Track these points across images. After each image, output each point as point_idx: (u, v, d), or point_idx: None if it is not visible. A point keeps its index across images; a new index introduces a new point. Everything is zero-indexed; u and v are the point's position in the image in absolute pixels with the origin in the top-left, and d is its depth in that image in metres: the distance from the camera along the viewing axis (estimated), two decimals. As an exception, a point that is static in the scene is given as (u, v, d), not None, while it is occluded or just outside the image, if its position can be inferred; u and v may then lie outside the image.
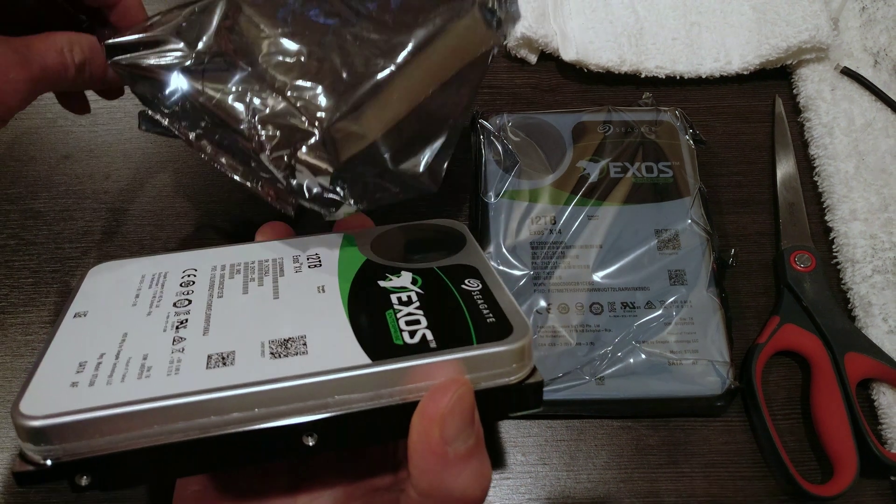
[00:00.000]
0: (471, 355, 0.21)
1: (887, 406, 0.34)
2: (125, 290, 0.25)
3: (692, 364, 0.33)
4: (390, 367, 0.20)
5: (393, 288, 0.24)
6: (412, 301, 0.23)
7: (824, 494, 0.32)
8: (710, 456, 0.34)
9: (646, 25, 0.44)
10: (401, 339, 0.21)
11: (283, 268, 0.26)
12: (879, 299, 0.36)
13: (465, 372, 0.21)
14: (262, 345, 0.21)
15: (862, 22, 0.45)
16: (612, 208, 0.37)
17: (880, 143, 0.41)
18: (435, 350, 0.21)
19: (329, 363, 0.20)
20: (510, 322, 0.22)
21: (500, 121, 0.40)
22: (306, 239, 0.28)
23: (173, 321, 0.23)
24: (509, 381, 0.21)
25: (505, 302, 0.23)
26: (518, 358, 0.21)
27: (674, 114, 0.40)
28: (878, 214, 0.39)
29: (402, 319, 0.22)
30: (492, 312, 0.23)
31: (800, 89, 0.43)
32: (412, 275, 0.25)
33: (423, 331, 0.22)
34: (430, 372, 0.21)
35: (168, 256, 0.27)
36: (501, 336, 0.21)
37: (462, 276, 0.25)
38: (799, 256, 0.38)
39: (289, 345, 0.21)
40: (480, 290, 0.24)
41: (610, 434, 0.35)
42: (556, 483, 0.34)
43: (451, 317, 0.22)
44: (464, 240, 0.28)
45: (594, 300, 0.35)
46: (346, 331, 0.22)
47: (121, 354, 0.21)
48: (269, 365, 0.21)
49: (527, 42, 0.44)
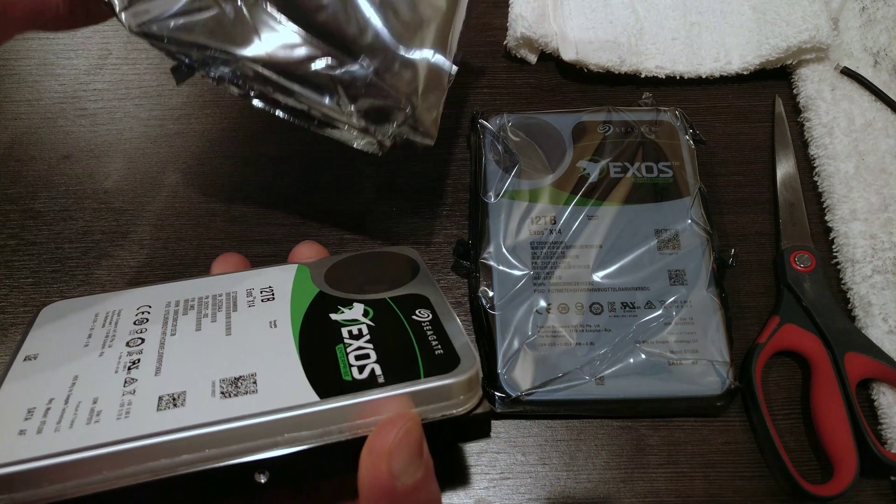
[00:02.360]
0: (418, 389, 0.21)
1: (887, 406, 0.34)
2: (77, 330, 0.25)
3: (692, 364, 0.33)
4: (338, 403, 0.21)
5: (344, 321, 0.24)
6: (362, 334, 0.23)
7: (824, 494, 0.32)
8: (709, 456, 0.34)
9: (646, 25, 0.44)
10: (349, 374, 0.22)
11: (237, 302, 0.26)
12: (879, 299, 0.36)
13: (413, 405, 0.21)
14: (213, 384, 0.21)
15: (862, 22, 0.45)
16: (612, 208, 0.37)
17: (880, 143, 0.41)
18: (383, 385, 0.21)
19: (278, 402, 0.21)
20: (457, 353, 0.22)
21: (499, 121, 0.40)
22: (261, 271, 0.28)
23: (125, 362, 0.23)
24: (457, 413, 0.22)
25: (454, 332, 0.23)
26: (465, 389, 0.22)
27: (674, 114, 0.40)
28: (878, 214, 0.39)
29: (351, 354, 0.22)
30: (440, 344, 0.23)
31: (800, 89, 0.43)
32: (364, 306, 0.25)
33: (371, 365, 0.22)
34: (377, 407, 0.21)
35: (123, 293, 0.27)
36: (448, 368, 0.22)
37: (413, 306, 0.25)
38: (799, 256, 0.38)
39: (239, 383, 0.21)
40: (430, 321, 0.24)
41: (610, 434, 0.35)
42: (556, 483, 0.34)
43: (399, 350, 0.23)
44: (417, 268, 0.28)
45: (594, 300, 0.35)
46: (296, 368, 0.22)
47: (70, 399, 0.21)
48: (220, 405, 0.21)
49: (527, 42, 0.44)
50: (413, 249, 0.30)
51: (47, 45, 0.46)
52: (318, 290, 0.26)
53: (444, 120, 0.43)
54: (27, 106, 0.44)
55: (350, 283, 0.27)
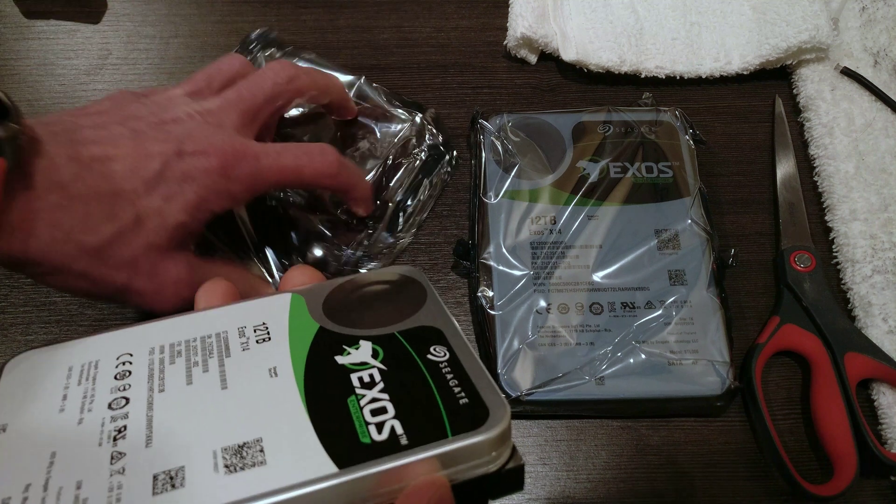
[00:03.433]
0: (446, 451, 0.19)
1: (887, 406, 0.34)
2: (50, 390, 0.21)
3: (692, 364, 0.33)
4: (359, 474, 0.18)
5: (352, 365, 0.22)
6: (375, 382, 0.21)
7: (824, 494, 0.32)
8: (709, 456, 0.34)
9: (646, 25, 0.44)
10: (367, 435, 0.19)
11: (229, 345, 0.23)
12: (879, 299, 0.36)
13: (440, 468, 0.19)
14: (215, 454, 0.19)
15: (862, 22, 0.45)
16: (612, 208, 0.37)
17: (880, 143, 0.41)
18: (407, 447, 0.19)
19: (291, 475, 0.18)
20: (485, 403, 0.20)
21: (499, 121, 0.40)
22: (251, 304, 0.25)
23: (109, 430, 0.20)
24: (488, 471, 0.20)
25: (476, 374, 0.21)
26: (497, 445, 0.19)
27: (674, 114, 0.40)
28: (878, 214, 0.39)
29: (366, 408, 0.20)
30: (464, 391, 0.20)
31: (800, 89, 0.43)
32: (372, 345, 0.22)
33: (390, 422, 0.20)
34: (403, 474, 0.19)
35: (98, 338, 0.23)
36: (478, 423, 0.19)
37: (426, 342, 0.22)
38: (799, 256, 0.38)
39: (244, 452, 0.19)
40: (448, 361, 0.22)
41: (610, 434, 0.35)
42: (556, 483, 0.34)
43: (419, 401, 0.20)
44: (424, 292, 0.25)
45: (594, 300, 0.35)
46: (307, 430, 0.19)
47: (49, 484, 0.18)
48: (225, 483, 0.18)
49: (527, 42, 0.44)
50: (416, 269, 0.27)
51: (47, 46, 0.46)
52: (318, 327, 0.23)
53: (445, 120, 0.43)
54: (27, 106, 0.44)
55: (352, 314, 0.24)
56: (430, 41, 0.46)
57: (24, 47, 0.46)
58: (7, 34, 0.46)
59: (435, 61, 0.45)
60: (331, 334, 0.23)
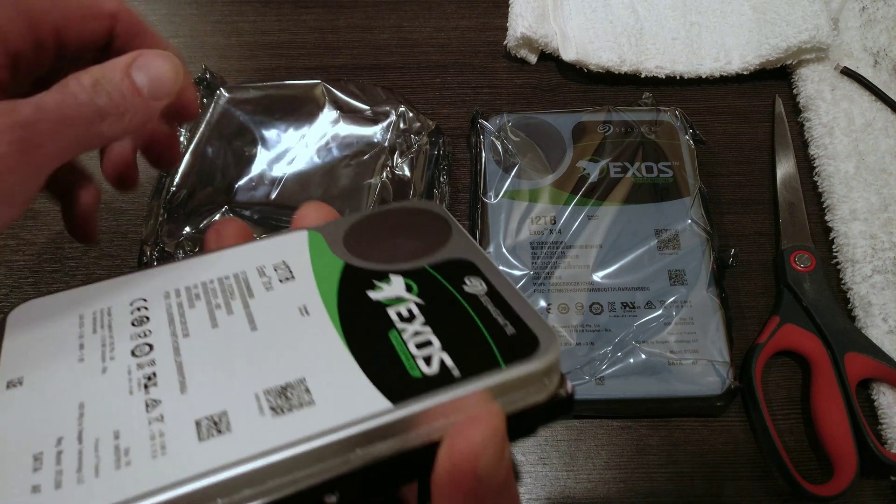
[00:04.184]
0: (500, 381, 0.18)
1: (887, 406, 0.34)
2: (64, 339, 0.20)
3: (692, 364, 0.33)
4: (415, 408, 0.18)
5: (387, 300, 0.21)
6: (414, 316, 0.20)
7: (824, 494, 0.32)
8: (709, 456, 0.34)
9: (646, 25, 0.44)
10: (417, 369, 0.19)
11: (251, 286, 0.22)
12: (879, 299, 0.36)
13: (494, 399, 0.18)
14: (258, 397, 0.18)
15: (862, 22, 0.45)
16: (612, 208, 0.37)
17: (880, 142, 0.41)
18: (459, 380, 0.18)
19: (344, 414, 0.17)
20: (533, 332, 0.19)
21: (499, 121, 0.40)
22: (266, 243, 0.23)
23: (138, 378, 0.19)
24: (540, 399, 0.19)
25: (518, 304, 0.20)
26: (549, 373, 0.19)
27: (674, 114, 0.40)
28: (878, 214, 0.39)
29: (410, 342, 0.19)
30: (509, 321, 0.20)
31: (800, 89, 0.43)
32: (404, 279, 0.21)
33: (439, 355, 0.19)
34: (458, 407, 0.18)
35: (106, 284, 0.22)
36: (529, 352, 0.19)
37: (460, 274, 0.21)
38: (799, 256, 0.38)
39: (289, 393, 0.18)
40: (487, 293, 0.21)
41: (610, 434, 0.35)
42: (556, 483, 0.34)
43: (464, 332, 0.19)
44: (448, 226, 0.24)
45: (594, 300, 0.35)
46: (352, 366, 0.19)
47: (84, 436, 0.17)
48: (273, 425, 0.17)
49: (527, 42, 0.44)
50: (435, 203, 0.25)
51: (47, 45, 0.46)
52: (343, 263, 0.22)
53: (445, 120, 0.43)
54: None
55: (376, 249, 0.23)
56: (430, 41, 0.46)
57: (24, 47, 0.46)
58: (7, 34, 0.46)
59: (435, 61, 0.45)
60: (358, 270, 0.22)
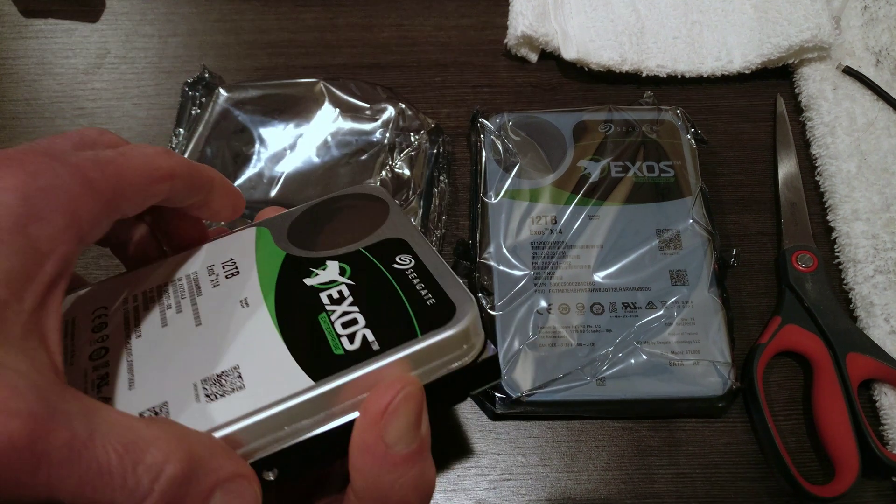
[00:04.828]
0: (417, 349, 0.20)
1: (889, 407, 0.34)
2: None
3: (693, 365, 0.33)
4: (335, 383, 0.19)
5: (321, 285, 0.22)
6: (343, 297, 0.21)
7: (826, 495, 0.32)
8: (711, 457, 0.34)
9: (647, 24, 0.44)
10: (339, 346, 0.20)
11: (200, 284, 0.23)
12: (881, 299, 0.36)
13: (413, 368, 0.20)
14: (195, 387, 0.20)
15: (864, 21, 0.45)
16: (613, 208, 0.37)
17: (882, 142, 0.41)
18: (379, 352, 0.20)
19: (270, 394, 0.19)
20: (451, 300, 0.20)
21: (500, 120, 0.40)
22: (218, 242, 0.25)
23: (93, 379, 0.20)
24: (464, 364, 0.20)
25: (441, 275, 0.21)
26: (466, 338, 0.20)
27: (675, 113, 0.40)
28: (880, 214, 0.38)
29: (337, 322, 0.21)
30: (430, 291, 0.21)
31: (801, 88, 0.43)
32: (339, 263, 0.23)
33: (361, 331, 0.20)
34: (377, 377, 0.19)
35: (70, 298, 0.24)
36: (445, 319, 0.20)
37: (392, 252, 0.23)
38: (801, 256, 0.37)
39: (223, 380, 0.20)
40: (414, 267, 0.22)
41: (611, 435, 0.35)
42: (557, 484, 0.34)
43: (388, 308, 0.21)
44: (386, 207, 0.25)
45: (595, 300, 0.35)
46: (280, 350, 0.20)
47: None
48: (207, 410, 0.19)
49: (527, 41, 0.44)
50: (376, 186, 0.26)
51: (45, 45, 0.45)
52: (284, 254, 0.24)
53: (445, 119, 0.43)
54: (25, 105, 0.43)
55: (317, 238, 0.24)
56: (431, 40, 0.46)
57: (22, 46, 0.45)
58: (5, 33, 0.46)
59: (435, 60, 0.45)
60: (297, 259, 0.23)
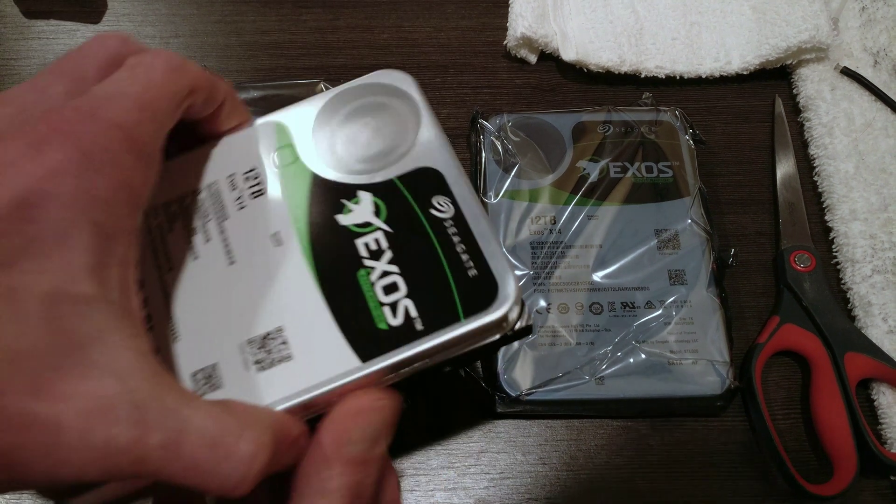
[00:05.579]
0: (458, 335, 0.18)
1: (887, 406, 0.34)
2: None
3: (692, 364, 0.33)
4: (380, 366, 0.18)
5: (355, 227, 0.20)
6: (381, 250, 0.20)
7: (824, 494, 0.32)
8: (709, 456, 0.34)
9: (646, 25, 0.44)
10: (384, 320, 0.19)
11: (224, 202, 0.21)
12: (879, 299, 0.36)
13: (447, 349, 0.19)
14: (242, 349, 0.18)
15: (862, 22, 0.45)
16: (612, 208, 0.37)
17: (880, 142, 0.41)
18: (422, 334, 0.18)
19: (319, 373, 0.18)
20: (493, 274, 0.19)
21: (499, 121, 0.40)
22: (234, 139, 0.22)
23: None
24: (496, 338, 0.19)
25: (482, 234, 0.20)
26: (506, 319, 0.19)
27: (673, 114, 0.40)
28: (877, 214, 0.39)
29: (378, 285, 0.19)
30: (471, 257, 0.19)
31: (799, 89, 0.43)
32: (372, 198, 0.20)
33: (404, 302, 0.19)
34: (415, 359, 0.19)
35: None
36: (488, 301, 0.19)
37: (428, 189, 0.20)
38: (799, 256, 0.38)
39: (268, 344, 0.19)
40: (453, 217, 0.20)
41: (610, 434, 0.35)
42: (556, 483, 0.34)
43: (429, 272, 0.19)
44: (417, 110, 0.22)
45: (594, 300, 0.35)
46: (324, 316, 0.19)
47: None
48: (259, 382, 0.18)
49: (527, 42, 0.44)
50: (405, 76, 0.23)
51: (47, 46, 0.46)
52: (311, 174, 0.21)
53: (445, 120, 0.43)
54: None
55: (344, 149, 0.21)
56: (430, 41, 0.46)
57: (25, 47, 0.46)
58: (7, 34, 0.46)
59: (435, 61, 0.45)
60: (326, 184, 0.21)
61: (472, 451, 0.35)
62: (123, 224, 0.16)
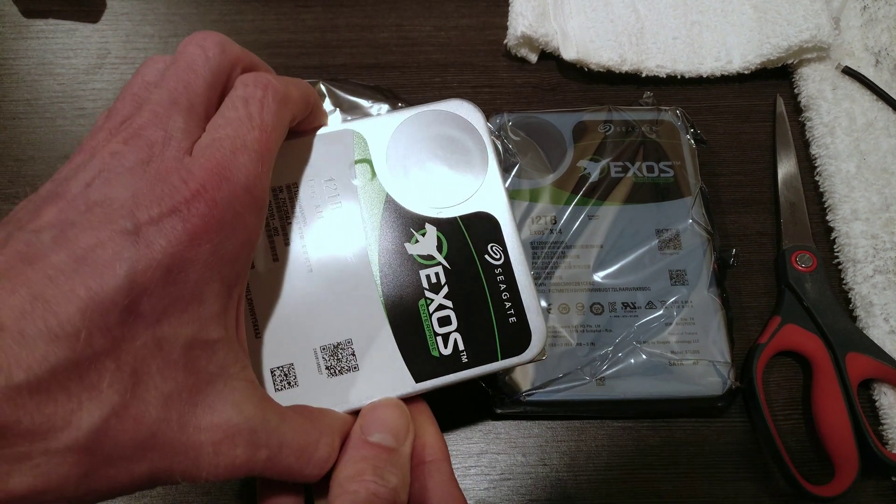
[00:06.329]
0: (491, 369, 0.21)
1: (888, 406, 0.34)
2: None
3: (693, 364, 0.33)
4: (427, 386, 0.20)
5: (420, 258, 0.21)
6: (440, 284, 0.21)
7: (825, 495, 0.32)
8: (710, 456, 0.34)
9: (646, 24, 0.44)
10: (437, 349, 0.21)
11: (303, 206, 0.21)
12: (881, 299, 0.36)
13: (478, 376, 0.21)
14: (316, 354, 0.20)
15: (863, 21, 0.45)
16: (613, 208, 0.37)
17: (882, 142, 0.41)
18: (466, 365, 0.21)
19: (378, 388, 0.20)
20: (529, 326, 0.21)
21: (500, 120, 0.40)
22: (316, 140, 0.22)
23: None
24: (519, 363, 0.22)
25: (524, 285, 0.22)
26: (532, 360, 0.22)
27: (675, 113, 0.40)
28: (879, 214, 0.39)
29: (434, 317, 0.21)
30: (513, 306, 0.21)
31: (801, 89, 0.43)
32: (437, 232, 0.22)
33: (454, 335, 0.21)
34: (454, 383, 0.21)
35: None
36: (521, 348, 0.21)
37: (485, 235, 0.22)
38: (800, 256, 0.37)
39: (339, 354, 0.20)
40: (503, 266, 0.22)
41: (610, 435, 0.35)
42: (557, 484, 0.34)
43: (477, 314, 0.21)
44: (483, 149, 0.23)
45: (595, 300, 0.35)
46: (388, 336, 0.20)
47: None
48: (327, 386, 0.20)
49: (527, 41, 0.44)
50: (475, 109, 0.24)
51: (46, 45, 0.46)
52: (385, 194, 0.22)
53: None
54: (26, 105, 0.43)
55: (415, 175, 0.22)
56: (430, 40, 0.46)
57: (23, 46, 0.46)
58: (5, 33, 0.46)
59: (435, 60, 0.45)
60: (399, 210, 0.22)
61: (473, 451, 0.34)
62: (242, 272, 0.19)
